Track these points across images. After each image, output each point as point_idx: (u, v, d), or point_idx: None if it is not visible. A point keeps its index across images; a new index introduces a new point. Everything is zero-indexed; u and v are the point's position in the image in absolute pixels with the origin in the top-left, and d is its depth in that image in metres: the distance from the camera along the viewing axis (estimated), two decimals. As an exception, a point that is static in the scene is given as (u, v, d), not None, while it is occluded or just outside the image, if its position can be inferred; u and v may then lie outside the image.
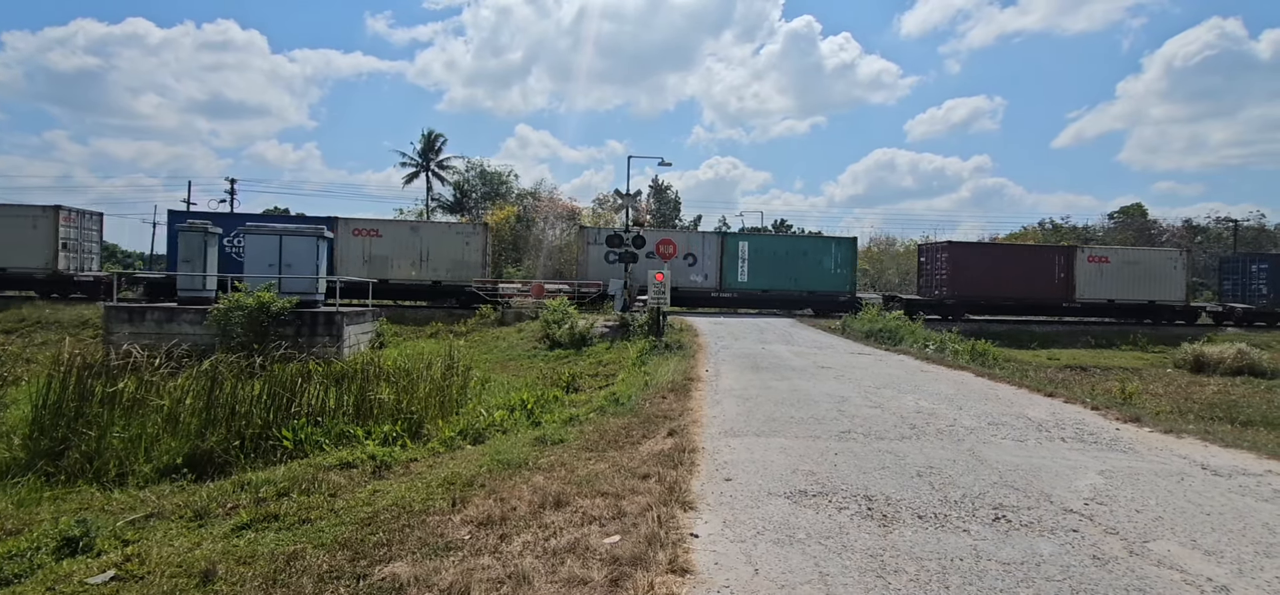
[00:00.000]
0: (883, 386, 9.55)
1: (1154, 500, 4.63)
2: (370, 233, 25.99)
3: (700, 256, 27.17)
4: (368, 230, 26.15)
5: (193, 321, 17.48)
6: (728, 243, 27.82)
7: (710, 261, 27.26)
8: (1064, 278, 28.87)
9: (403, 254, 26.10)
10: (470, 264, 26.46)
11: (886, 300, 30.19)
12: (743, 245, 28.06)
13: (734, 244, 27.97)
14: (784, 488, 4.76)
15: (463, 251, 26.46)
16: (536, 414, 8.34)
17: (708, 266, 27.28)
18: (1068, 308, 29.28)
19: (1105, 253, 30.46)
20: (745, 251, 27.81)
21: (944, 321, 26.11)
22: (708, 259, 27.19)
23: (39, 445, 7.29)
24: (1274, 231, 53.55)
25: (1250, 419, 12.50)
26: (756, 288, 27.84)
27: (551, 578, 3.36)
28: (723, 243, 27.70)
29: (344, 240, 25.26)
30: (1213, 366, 19.34)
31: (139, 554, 4.11)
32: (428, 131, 57.46)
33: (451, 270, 26.15)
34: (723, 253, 27.34)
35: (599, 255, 26.18)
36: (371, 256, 25.58)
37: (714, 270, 27.37)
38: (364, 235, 25.83)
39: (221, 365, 9.14)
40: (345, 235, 25.38)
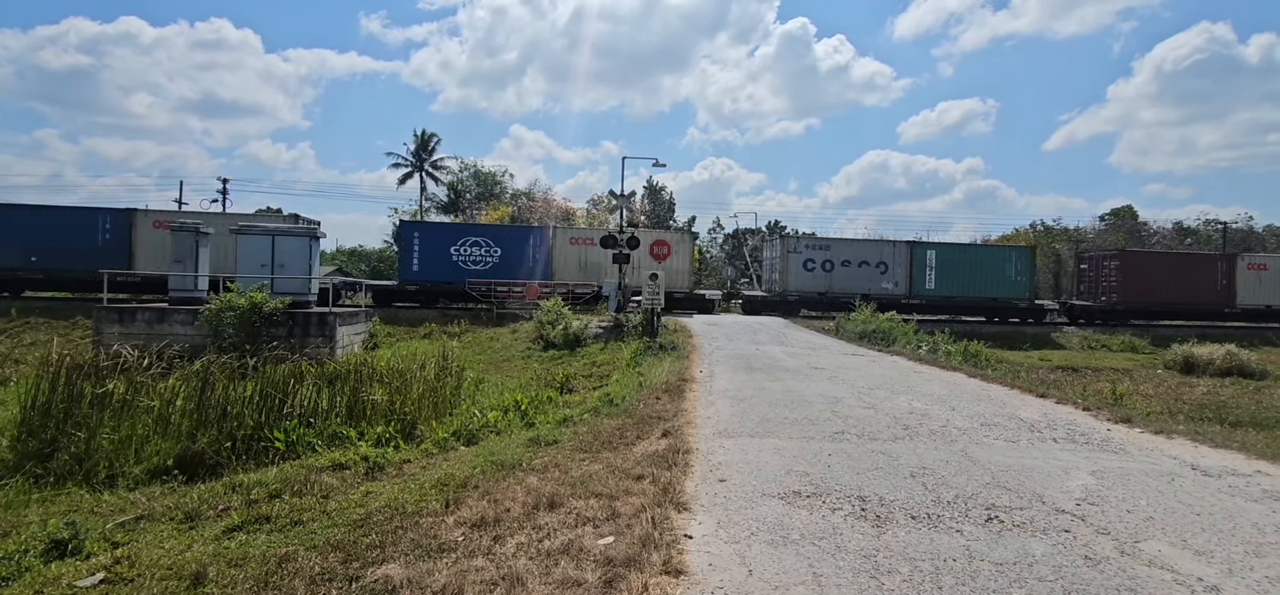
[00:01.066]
0: (876, 387, 9.58)
1: (1145, 500, 4.66)
2: (586, 241, 27.69)
3: (891, 265, 28.62)
4: (584, 240, 27.92)
5: (184, 322, 17.38)
6: (917, 252, 29.23)
7: (900, 270, 28.70)
8: (1226, 284, 30.01)
9: None
10: (680, 272, 27.81)
11: None
12: (930, 254, 29.36)
13: (923, 253, 29.31)
14: (778, 489, 4.76)
15: (673, 260, 27.82)
16: (530, 415, 8.33)
17: (898, 274, 28.69)
18: (1229, 313, 30.25)
19: (1264, 261, 31.55)
20: (933, 260, 29.12)
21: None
22: (898, 268, 28.68)
23: (27, 447, 7.23)
24: (1263, 233, 54.10)
25: (1239, 420, 12.59)
26: (942, 294, 28.97)
27: (545, 579, 3.35)
28: (912, 252, 29.09)
29: (561, 248, 27.32)
30: (1202, 367, 19.49)
31: (129, 556, 4.08)
32: (421, 131, 57.29)
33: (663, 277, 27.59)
34: (912, 262, 28.80)
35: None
36: (586, 263, 27.25)
37: (904, 278, 28.78)
38: (581, 244, 27.58)
39: (213, 366, 9.09)
40: (562, 244, 27.38)
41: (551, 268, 27.07)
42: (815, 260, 28.53)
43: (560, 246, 27.13)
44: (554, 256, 27.00)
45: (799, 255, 28.37)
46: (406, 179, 56.00)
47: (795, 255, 28.35)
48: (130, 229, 24.90)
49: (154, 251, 24.16)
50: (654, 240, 26.15)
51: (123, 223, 24.94)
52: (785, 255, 28.36)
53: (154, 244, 24.28)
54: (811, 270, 28.39)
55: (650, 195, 61.50)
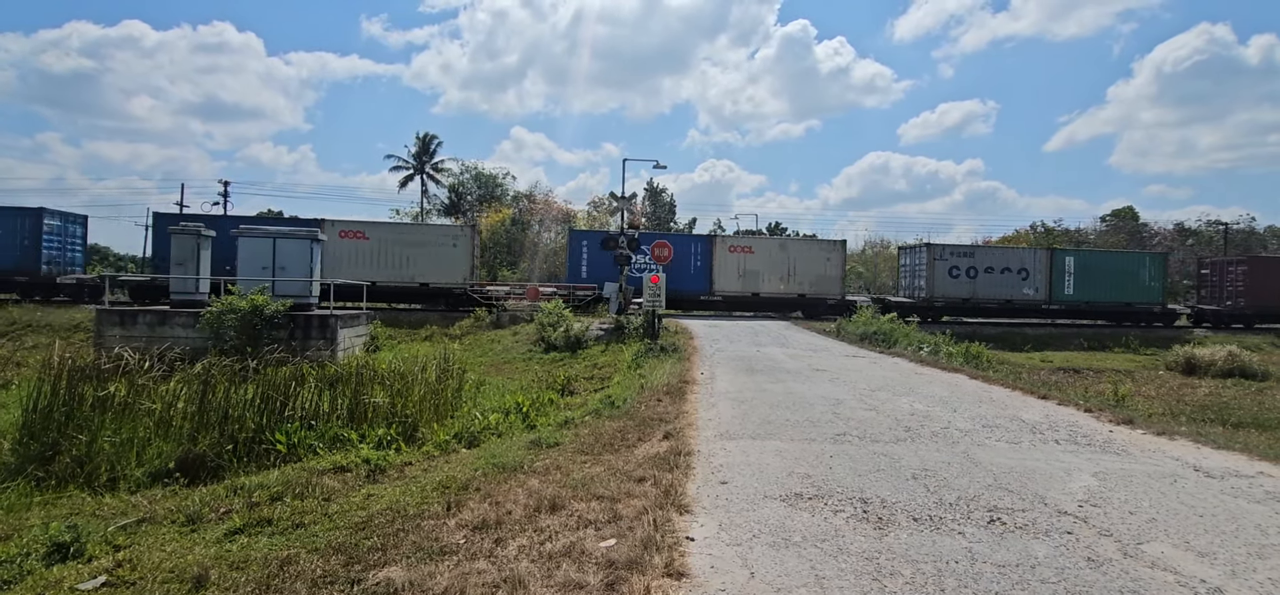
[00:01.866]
0: (877, 389, 9.57)
1: (1147, 502, 4.65)
2: (744, 249, 28.69)
3: (1031, 271, 29.36)
4: (742, 247, 28.88)
5: (185, 324, 17.39)
6: (1056, 258, 29.98)
7: (1040, 276, 29.41)
8: None
9: (773, 268, 28.50)
10: (831, 279, 28.99)
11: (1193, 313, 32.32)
12: (1069, 261, 30.03)
13: (1061, 260, 30.01)
14: (779, 491, 4.76)
15: (824, 267, 28.93)
16: (531, 417, 8.33)
17: (1038, 280, 29.35)
18: None
19: None
20: (1071, 266, 29.78)
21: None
22: (1038, 274, 29.45)
23: (29, 450, 7.22)
24: (1264, 234, 54.09)
25: (1242, 421, 12.57)
26: (1081, 299, 29.64)
27: (547, 582, 3.35)
28: (1052, 259, 29.83)
29: (721, 256, 28.21)
30: (1204, 368, 19.47)
31: (130, 559, 4.08)
32: (422, 134, 57.33)
33: (815, 285, 28.72)
34: (1051, 268, 29.53)
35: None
36: (745, 271, 28.20)
37: (1043, 284, 29.37)
38: (739, 252, 28.50)
39: (214, 368, 9.09)
40: (722, 251, 28.29)
41: (712, 275, 28.05)
42: (960, 267, 29.33)
43: (720, 254, 28.17)
44: (714, 263, 28.05)
45: (944, 262, 29.17)
46: (407, 182, 56.10)
47: (941, 262, 29.16)
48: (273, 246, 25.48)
49: (251, 258, 24.69)
50: (655, 242, 26.17)
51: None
52: (931, 262, 29.14)
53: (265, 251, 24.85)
54: (956, 277, 29.17)
55: (651, 197, 61.52)
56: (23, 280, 25.82)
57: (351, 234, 26.36)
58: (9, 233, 25.81)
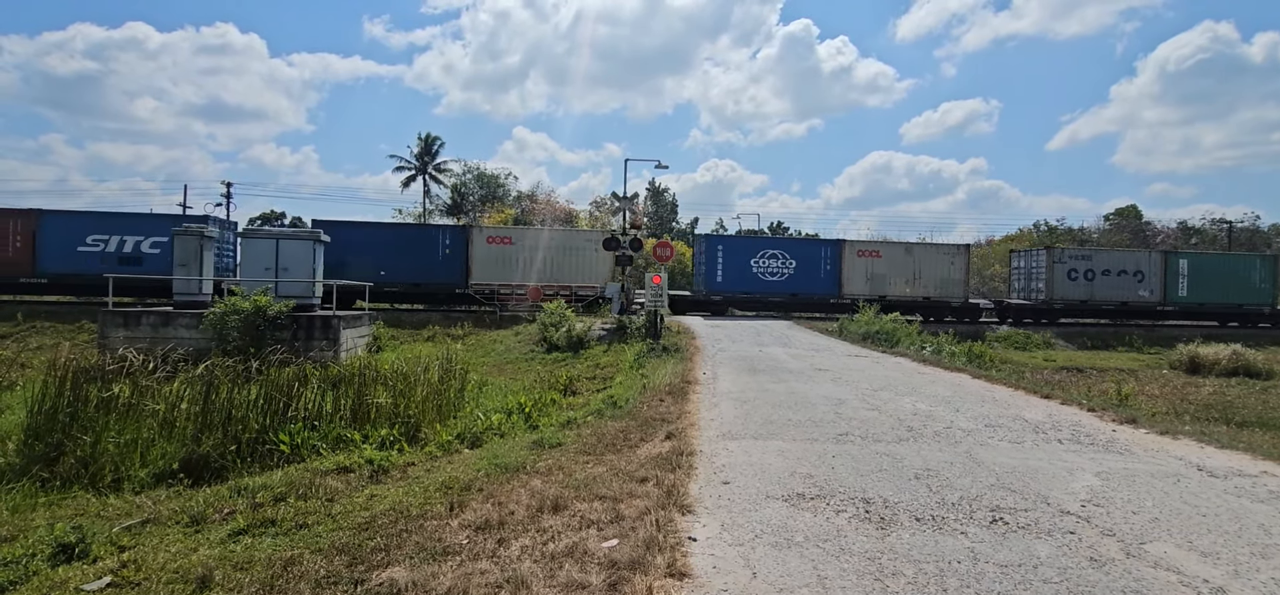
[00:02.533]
0: (880, 389, 9.56)
1: (1150, 502, 4.64)
2: (872, 253, 29.20)
3: (1147, 273, 30.09)
4: (870, 251, 29.35)
5: (188, 325, 17.42)
6: (1170, 261, 30.60)
7: (1155, 278, 30.16)
8: None
9: (898, 272, 29.01)
10: (955, 281, 29.25)
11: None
12: (1182, 263, 30.64)
13: (1176, 262, 30.60)
14: (782, 491, 4.76)
15: (948, 270, 29.29)
16: (534, 417, 8.34)
17: (1153, 283, 30.07)
18: None
19: None
20: (1184, 269, 30.45)
21: None
22: (1153, 276, 30.18)
23: (34, 450, 7.25)
24: (1268, 233, 53.90)
25: (1246, 420, 12.53)
26: (1194, 301, 30.22)
27: (550, 582, 3.35)
28: (1166, 262, 30.49)
29: (849, 260, 28.84)
30: (1208, 368, 19.40)
31: (135, 560, 4.09)
32: (425, 134, 57.38)
33: (939, 287, 29.17)
34: (1166, 270, 30.24)
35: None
36: (872, 274, 28.72)
37: (1158, 286, 30.04)
38: (867, 256, 29.02)
39: (217, 369, 9.12)
40: (851, 256, 28.87)
41: (841, 279, 28.65)
42: (1078, 270, 29.76)
43: (849, 259, 28.76)
44: (843, 268, 28.69)
45: (1063, 265, 29.66)
46: (410, 182, 56.17)
47: (1060, 265, 29.66)
48: (467, 244, 26.58)
49: (487, 263, 26.38)
50: (656, 242, 26.16)
51: (460, 238, 26.77)
52: (1051, 265, 29.66)
53: (486, 257, 26.41)
54: (1075, 280, 29.59)
55: (653, 197, 61.55)
56: None
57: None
58: None
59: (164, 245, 24.46)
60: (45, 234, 25.16)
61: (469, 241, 26.45)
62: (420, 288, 26.40)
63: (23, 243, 25.22)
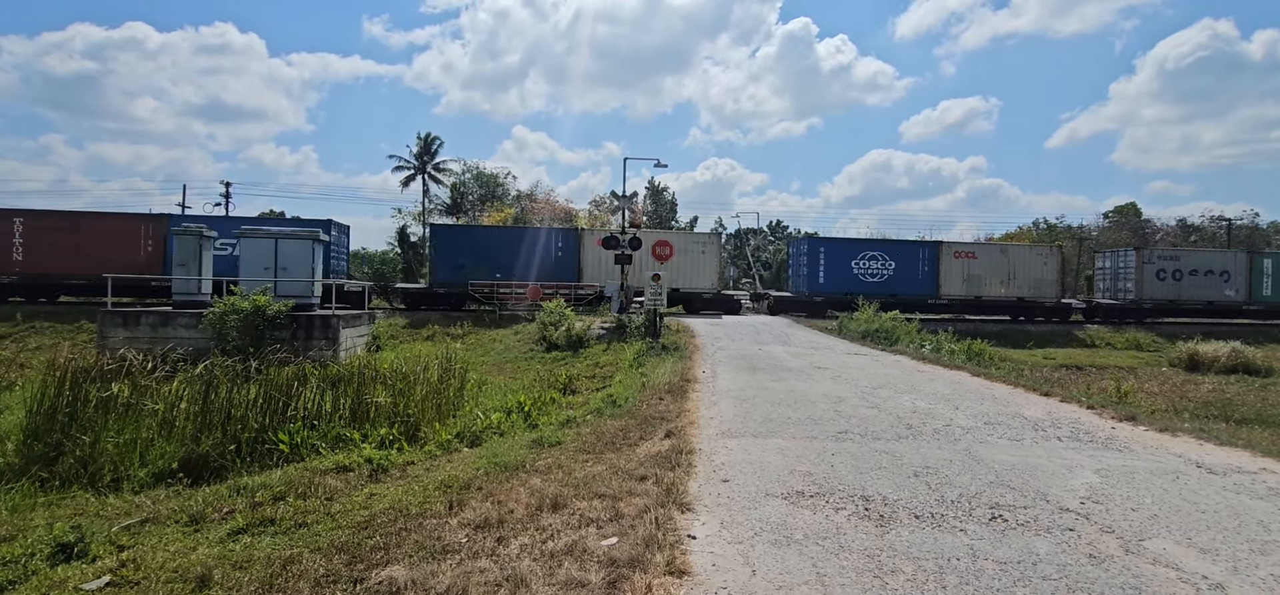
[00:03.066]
0: (879, 387, 9.57)
1: (1149, 499, 4.65)
2: (968, 255, 29.98)
3: (1232, 273, 30.98)
4: (966, 253, 30.13)
5: (188, 325, 17.42)
6: (1255, 261, 31.58)
7: (1240, 278, 31.03)
8: None
9: (994, 273, 29.65)
10: (1049, 282, 29.80)
11: None
12: (1267, 263, 31.62)
13: (1260, 263, 31.55)
14: (781, 488, 4.76)
15: (1042, 270, 29.83)
16: (533, 416, 8.34)
17: (1238, 282, 30.98)
18: None
19: None
20: (1269, 269, 31.41)
21: None
22: (1238, 276, 31.05)
23: (33, 450, 7.25)
24: (1267, 230, 53.95)
25: (1245, 417, 12.55)
26: (1277, 300, 31.15)
27: (549, 580, 3.35)
28: (1250, 262, 31.47)
29: (946, 262, 29.57)
30: (1208, 365, 19.42)
31: (134, 559, 4.09)
32: (424, 134, 57.33)
33: (1032, 288, 29.73)
34: (1250, 270, 31.18)
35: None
36: (969, 275, 29.51)
37: (1243, 285, 30.91)
38: (963, 257, 29.79)
39: (216, 369, 9.11)
40: (948, 257, 29.63)
41: (938, 280, 29.33)
42: (1166, 270, 30.50)
43: (946, 260, 29.52)
44: (940, 269, 29.42)
45: (1152, 265, 30.45)
46: (409, 182, 56.09)
47: (1150, 265, 30.46)
48: (578, 247, 27.55)
49: (597, 266, 27.14)
50: (656, 241, 26.18)
51: (572, 241, 27.74)
52: (1140, 266, 30.45)
53: (596, 259, 27.07)
54: (1163, 280, 30.31)
55: (652, 195, 61.52)
56: None
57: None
58: None
59: None
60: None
61: (580, 244, 27.55)
62: None
63: (154, 247, 25.98)
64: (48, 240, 25.23)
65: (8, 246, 24.93)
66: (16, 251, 24.88)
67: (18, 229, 25.10)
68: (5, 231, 24.97)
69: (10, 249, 24.87)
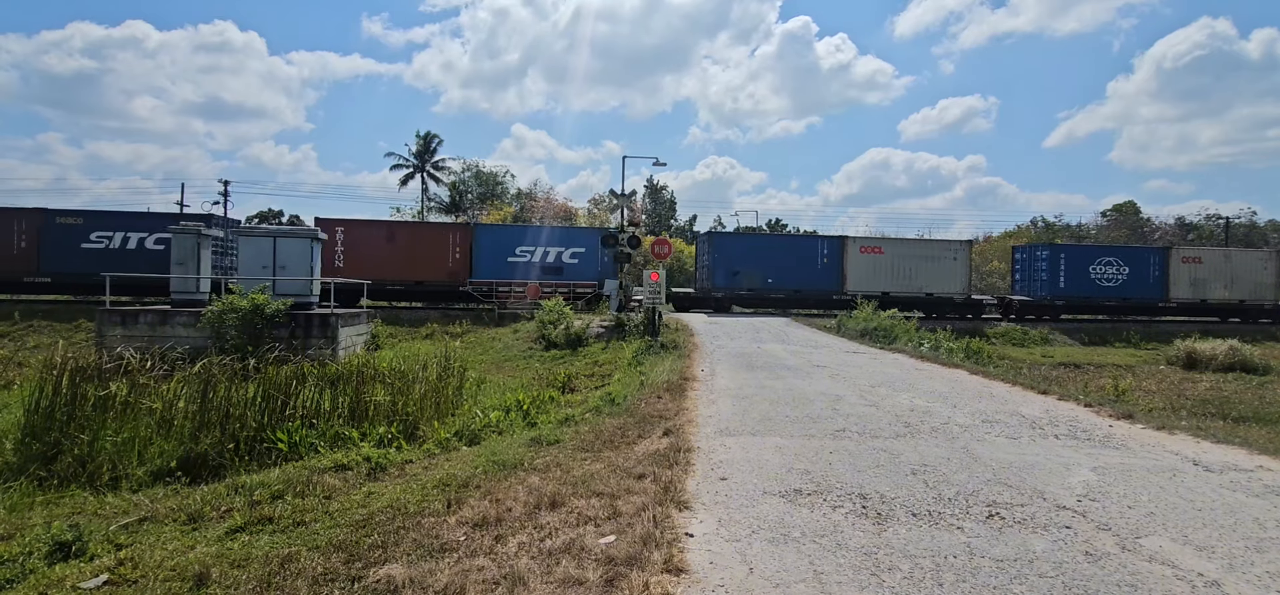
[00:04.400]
0: (877, 385, 9.58)
1: (1146, 497, 4.66)
2: (1194, 259, 30.99)
3: None
4: (1192, 258, 31.15)
5: (186, 324, 17.39)
6: None
7: None
8: None
9: (1218, 277, 30.66)
10: (1265, 285, 30.98)
11: None
12: None
13: None
14: (779, 486, 4.77)
15: (1260, 274, 31.07)
16: (532, 415, 8.33)
17: None
18: None
19: None
20: None
21: None
22: None
23: (31, 449, 7.23)
24: (1265, 228, 54.03)
25: (1242, 415, 12.57)
26: None
27: (547, 578, 3.36)
28: None
29: (1175, 265, 30.45)
30: (1205, 363, 19.45)
31: (132, 558, 4.09)
32: (423, 132, 57.31)
33: (1253, 291, 30.87)
34: None
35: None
36: (1195, 279, 30.38)
37: None
38: (1190, 262, 30.75)
39: (215, 367, 9.10)
40: (1176, 262, 30.49)
41: (1167, 284, 30.08)
42: None
43: (1175, 264, 30.24)
44: (1170, 273, 30.13)
45: None
46: (408, 180, 56.06)
47: None
48: (842, 254, 28.96)
49: (859, 271, 28.78)
50: (655, 240, 26.18)
51: (837, 248, 29.14)
52: None
53: (858, 265, 28.79)
54: None
55: (651, 194, 61.54)
56: None
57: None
58: None
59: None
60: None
61: (844, 252, 28.98)
62: (801, 294, 29.07)
63: (461, 254, 27.13)
64: (366, 249, 26.58)
65: (330, 254, 26.16)
66: (338, 259, 26.40)
67: (340, 237, 26.57)
68: (330, 240, 26.19)
69: (332, 256, 26.19)
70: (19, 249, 25.31)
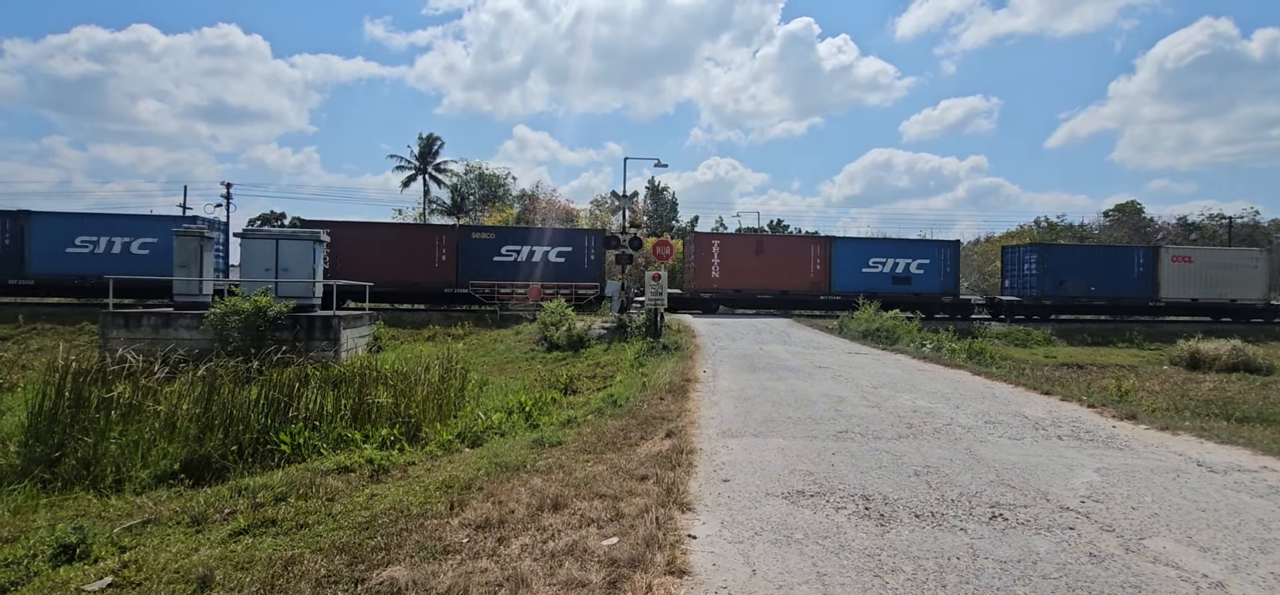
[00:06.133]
0: (880, 386, 9.56)
1: (1150, 497, 4.65)
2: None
3: None
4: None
5: (189, 326, 17.43)
6: None
7: None
8: None
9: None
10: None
11: None
12: None
13: None
14: (781, 488, 4.76)
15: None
16: (534, 416, 8.34)
17: None
18: None
19: None
20: None
21: None
22: None
23: (35, 452, 7.25)
24: (1268, 228, 53.88)
25: (1246, 415, 12.51)
26: None
27: (550, 580, 3.36)
28: None
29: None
30: (1208, 363, 19.38)
31: (136, 560, 4.10)
32: (424, 135, 57.36)
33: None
34: None
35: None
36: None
37: None
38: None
39: (218, 370, 9.12)
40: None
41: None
42: None
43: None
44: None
45: None
46: (410, 182, 56.11)
47: None
48: (1156, 262, 29.96)
49: (1173, 280, 29.74)
50: (656, 241, 26.16)
51: (1151, 258, 30.25)
52: None
53: (1171, 274, 29.79)
54: None
55: (653, 195, 61.51)
56: None
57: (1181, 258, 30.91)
58: None
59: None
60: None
61: (1157, 260, 30.03)
62: (1118, 302, 30.08)
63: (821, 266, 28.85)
64: (738, 261, 28.57)
65: (706, 265, 28.40)
66: (714, 270, 28.33)
67: (716, 250, 28.73)
68: (705, 252, 28.69)
69: (708, 267, 28.39)
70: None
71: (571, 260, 27.13)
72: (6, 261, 25.26)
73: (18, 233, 25.29)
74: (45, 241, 25.25)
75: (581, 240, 27.73)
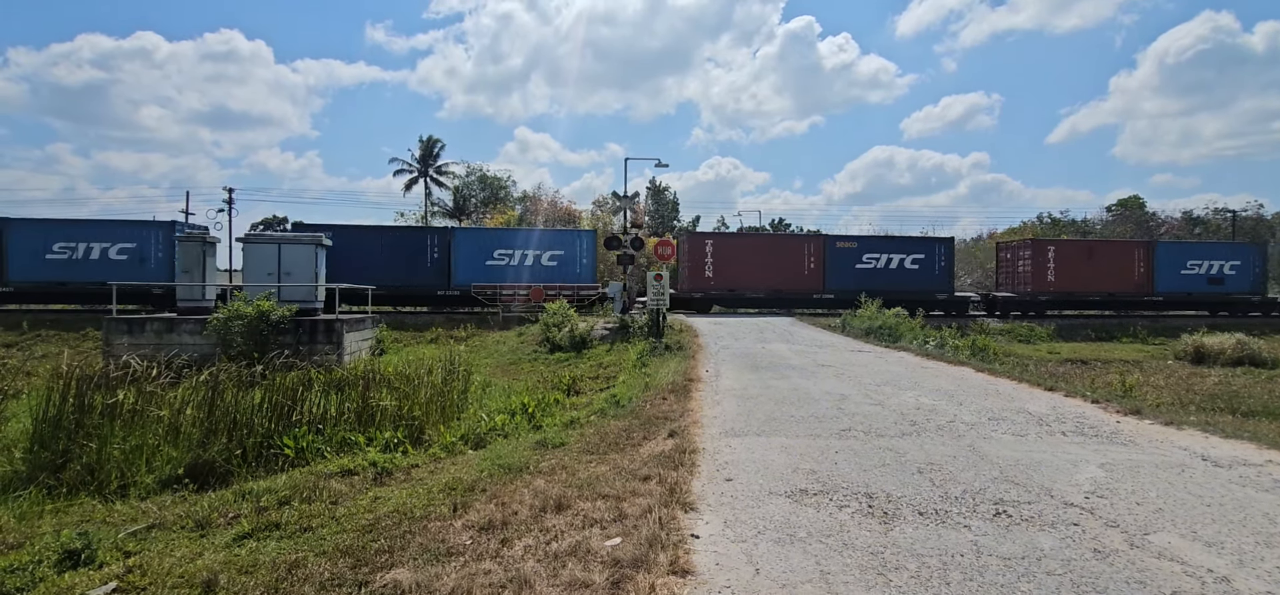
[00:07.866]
0: (883, 384, 9.55)
1: (1154, 492, 4.63)
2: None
3: None
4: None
5: (192, 331, 17.48)
6: None
7: None
8: None
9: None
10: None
11: None
12: None
13: None
14: (785, 487, 4.76)
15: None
16: (537, 417, 8.34)
17: None
18: None
19: None
20: None
21: None
22: None
23: (40, 458, 7.27)
24: (1272, 221, 53.70)
25: (1252, 410, 12.46)
26: None
27: (553, 581, 3.36)
28: None
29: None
30: (1213, 358, 19.30)
31: (141, 565, 4.11)
32: (426, 137, 57.46)
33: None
34: None
35: None
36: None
37: None
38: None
39: (222, 374, 9.14)
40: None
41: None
42: None
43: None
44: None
45: None
46: (411, 185, 56.23)
47: None
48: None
49: None
50: (658, 241, 26.15)
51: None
52: None
53: None
54: None
55: (654, 195, 61.50)
56: None
57: None
58: None
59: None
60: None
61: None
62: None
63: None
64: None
65: (1043, 269, 29.51)
66: (1049, 273, 29.43)
67: (1051, 256, 29.77)
68: (1041, 258, 29.82)
69: (1044, 272, 29.45)
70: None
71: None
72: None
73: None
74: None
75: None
